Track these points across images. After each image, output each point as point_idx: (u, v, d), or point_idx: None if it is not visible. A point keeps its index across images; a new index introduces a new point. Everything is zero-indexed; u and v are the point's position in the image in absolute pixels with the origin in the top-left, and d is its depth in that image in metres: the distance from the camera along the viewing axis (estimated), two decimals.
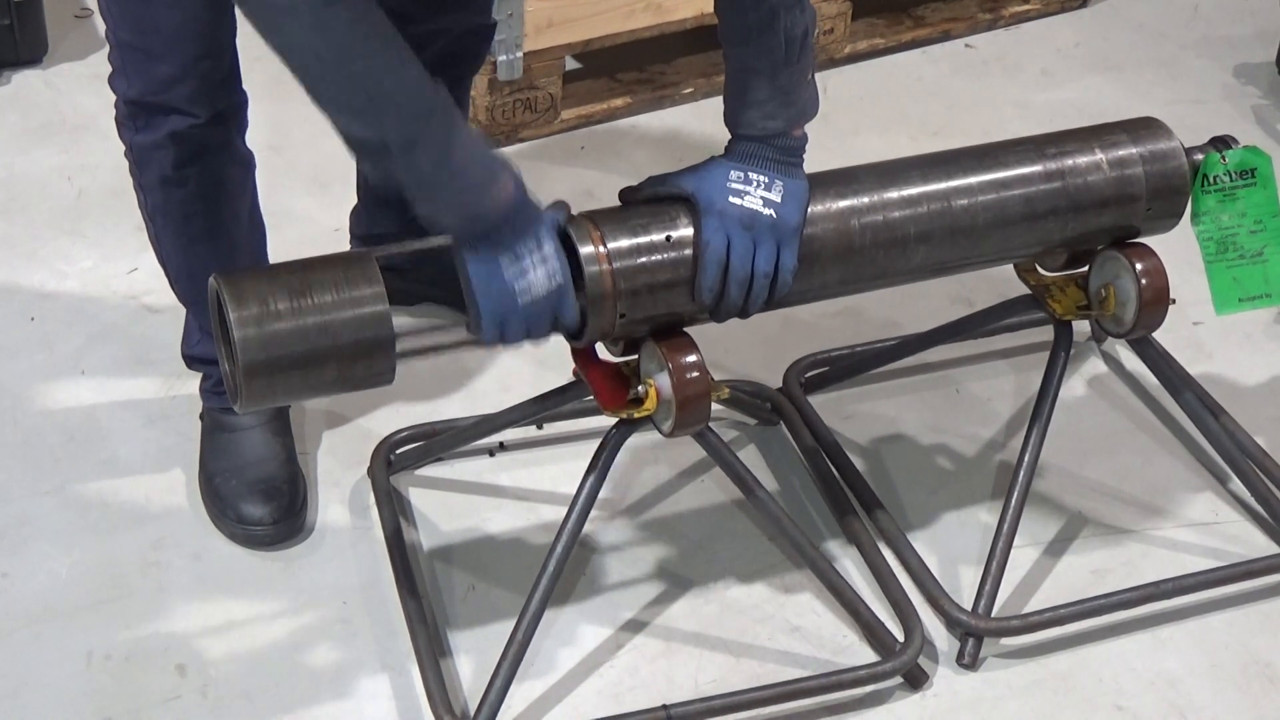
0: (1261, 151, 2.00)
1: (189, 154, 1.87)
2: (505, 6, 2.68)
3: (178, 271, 2.02)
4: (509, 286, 1.61)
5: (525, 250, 1.61)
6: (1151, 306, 1.95)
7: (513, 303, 1.61)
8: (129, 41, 1.80)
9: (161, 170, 1.88)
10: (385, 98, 1.51)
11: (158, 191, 1.92)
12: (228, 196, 1.95)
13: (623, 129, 2.93)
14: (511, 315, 1.62)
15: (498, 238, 1.60)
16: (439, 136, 1.54)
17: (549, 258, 1.62)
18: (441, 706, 1.81)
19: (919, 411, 2.31)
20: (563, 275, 1.64)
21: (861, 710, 1.88)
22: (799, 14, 1.69)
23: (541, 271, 1.62)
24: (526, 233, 1.61)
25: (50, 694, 1.85)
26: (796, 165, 1.77)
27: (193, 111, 1.83)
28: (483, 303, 1.62)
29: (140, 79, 1.82)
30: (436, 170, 1.55)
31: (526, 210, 1.62)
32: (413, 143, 1.53)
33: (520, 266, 1.60)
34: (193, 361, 2.12)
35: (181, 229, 1.95)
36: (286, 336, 1.58)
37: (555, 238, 1.64)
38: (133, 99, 1.84)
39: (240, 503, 2.02)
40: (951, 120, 2.99)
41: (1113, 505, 2.17)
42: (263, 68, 1.72)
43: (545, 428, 2.23)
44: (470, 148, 1.57)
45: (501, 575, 2.01)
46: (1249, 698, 1.93)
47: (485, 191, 1.58)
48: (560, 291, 1.64)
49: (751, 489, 1.92)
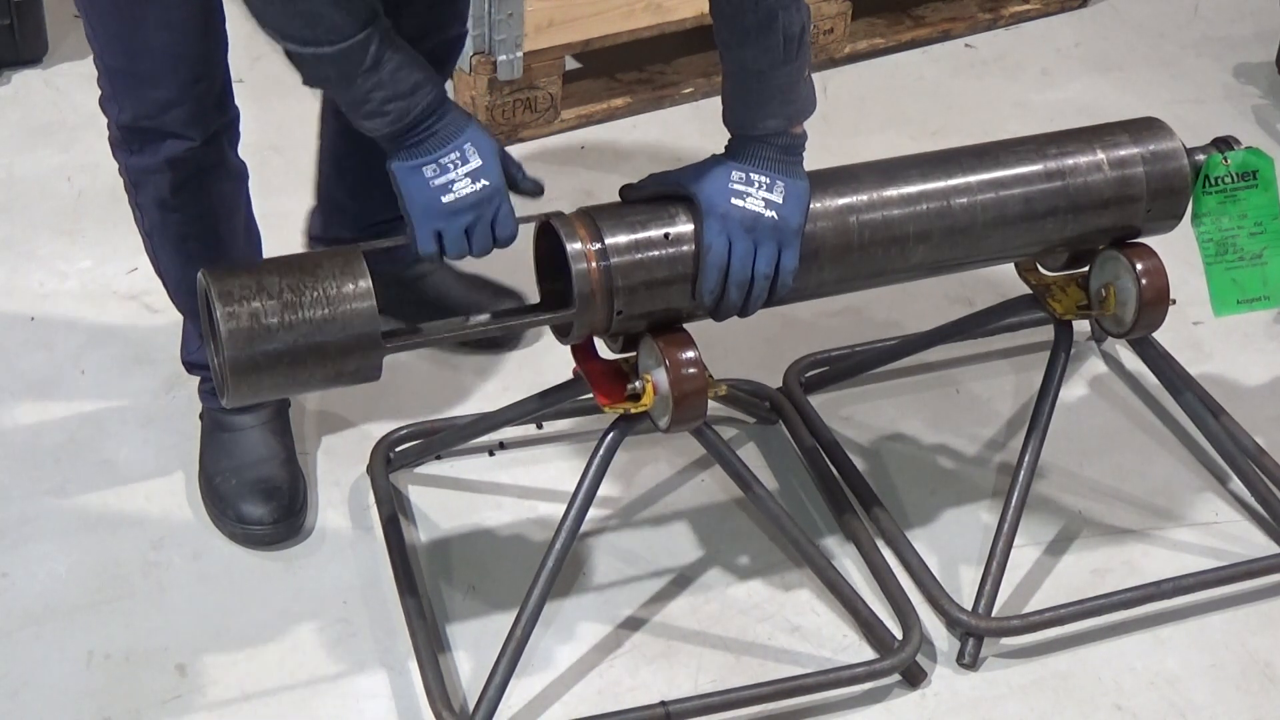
0: (1264, 154, 2.00)
1: (185, 177, 1.87)
2: (505, 6, 2.68)
3: (176, 285, 2.02)
4: (431, 187, 1.64)
5: (448, 154, 1.64)
6: (1151, 306, 1.95)
7: (439, 205, 1.64)
8: (119, 67, 1.79)
9: (159, 193, 1.88)
10: (322, 24, 1.56)
11: (155, 212, 1.92)
12: (225, 214, 1.96)
13: (623, 129, 2.93)
14: (439, 215, 1.65)
15: (420, 141, 1.64)
16: (371, 51, 1.59)
17: (473, 162, 1.65)
18: (441, 704, 1.81)
19: (919, 411, 2.31)
20: (491, 179, 1.66)
21: (861, 709, 1.88)
22: (795, 12, 1.70)
23: (464, 173, 1.64)
24: (450, 138, 1.65)
25: (50, 694, 1.85)
26: (797, 164, 1.77)
27: (188, 134, 1.82)
28: (410, 204, 1.66)
29: (133, 104, 1.81)
30: (365, 81, 1.60)
31: (450, 117, 1.65)
32: (345, 57, 1.58)
33: (442, 168, 1.64)
34: (192, 367, 2.13)
35: (179, 248, 1.96)
36: (273, 332, 1.59)
37: (488, 143, 1.66)
38: (126, 124, 1.83)
39: (240, 502, 2.02)
40: (951, 120, 2.99)
41: (1113, 505, 2.17)
42: (262, 67, 1.72)
43: (545, 427, 2.23)
44: (398, 61, 1.61)
45: (500, 573, 2.01)
46: (1249, 697, 1.93)
47: (409, 99, 1.62)
48: (490, 197, 1.66)
49: (751, 487, 1.92)
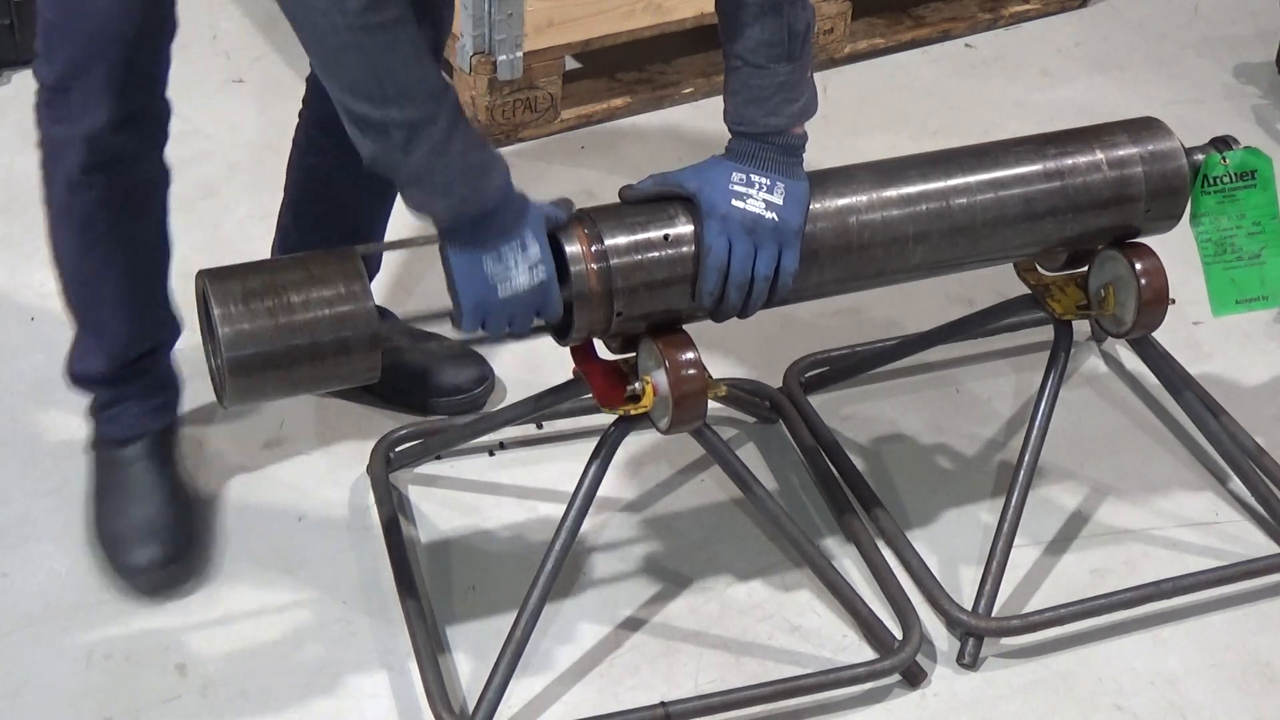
0: (1262, 153, 2.00)
1: (99, 160, 1.80)
2: (505, 6, 2.68)
3: (71, 275, 1.93)
4: (489, 279, 1.62)
5: (509, 244, 1.62)
6: (1151, 306, 1.95)
7: (493, 295, 1.63)
8: (54, 21, 1.75)
9: (69, 171, 1.82)
10: (395, 83, 1.53)
11: (63, 191, 1.85)
12: (134, 210, 1.88)
13: (623, 129, 2.93)
14: (491, 307, 1.64)
15: (483, 230, 1.62)
16: (440, 125, 1.56)
17: (531, 253, 1.63)
18: (440, 704, 1.81)
19: (919, 411, 2.31)
20: (546, 272, 1.65)
21: (861, 709, 1.88)
22: (800, 9, 1.70)
23: (523, 265, 1.63)
24: (511, 227, 1.63)
25: (50, 694, 1.85)
26: (797, 164, 1.77)
27: (106, 103, 1.76)
28: (463, 294, 1.64)
29: (60, 61, 1.76)
30: (432, 157, 1.56)
31: (513, 205, 1.63)
32: (415, 128, 1.55)
33: (502, 260, 1.62)
34: (79, 381, 2.01)
35: (81, 232, 1.88)
36: (271, 333, 1.59)
37: (543, 234, 1.65)
38: (51, 84, 1.78)
39: (127, 547, 1.95)
40: (951, 120, 2.99)
41: (1113, 505, 2.17)
42: (263, 67, 1.72)
43: (544, 426, 2.23)
44: (467, 140, 1.59)
45: (500, 573, 2.01)
46: (1249, 697, 1.93)
47: (476, 182, 1.60)
48: (543, 288, 1.65)
49: (750, 487, 1.92)
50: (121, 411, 2.00)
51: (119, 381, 1.98)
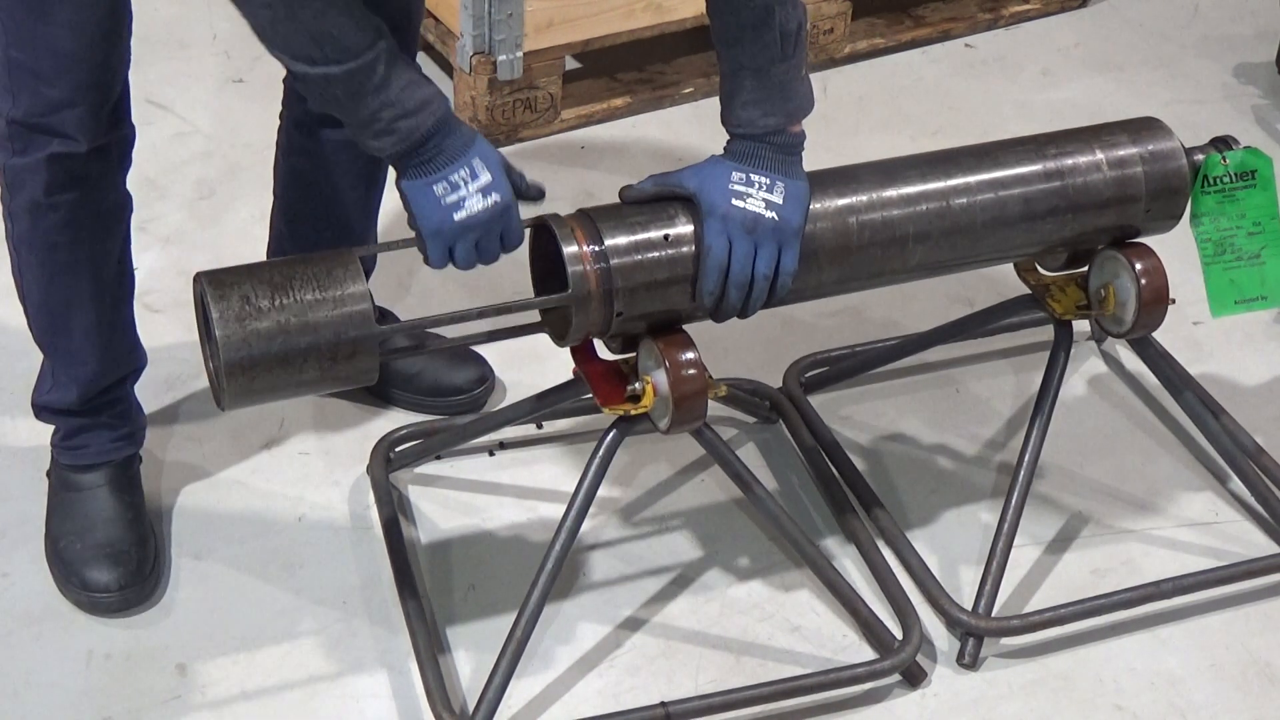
0: (1262, 153, 2.00)
1: (63, 181, 1.80)
2: (505, 6, 2.68)
3: (38, 306, 1.93)
4: (443, 203, 1.65)
5: (457, 171, 1.65)
6: (1151, 306, 1.95)
7: (449, 221, 1.65)
8: (20, 61, 1.75)
9: (33, 195, 1.81)
10: (332, 44, 1.57)
11: (25, 219, 1.84)
12: (98, 233, 1.88)
13: (623, 129, 2.93)
14: (451, 234, 1.67)
15: (430, 158, 1.65)
16: (379, 71, 1.60)
17: (482, 179, 1.66)
18: (440, 704, 1.81)
19: (919, 411, 2.31)
20: (503, 198, 1.67)
21: (861, 709, 1.88)
22: (792, 9, 1.70)
23: (475, 190, 1.66)
24: (459, 154, 1.66)
25: (50, 694, 1.85)
26: (796, 164, 1.77)
27: (75, 137, 1.77)
28: (421, 221, 1.66)
29: (27, 99, 1.76)
30: (374, 98, 1.61)
31: (458, 133, 1.66)
32: (353, 77, 1.59)
33: (454, 187, 1.65)
34: (43, 412, 2.03)
35: (46, 258, 1.87)
36: (268, 334, 1.59)
37: (498, 167, 1.68)
38: (17, 119, 1.77)
39: (85, 569, 1.94)
40: (951, 120, 2.99)
41: (1113, 505, 2.17)
42: (262, 67, 1.72)
43: (544, 426, 2.23)
44: (407, 77, 1.62)
45: (500, 573, 2.01)
46: (1249, 698, 1.93)
47: (419, 115, 1.62)
48: (501, 212, 1.67)
49: (750, 487, 1.92)
50: (88, 440, 2.00)
51: (88, 412, 1.99)
